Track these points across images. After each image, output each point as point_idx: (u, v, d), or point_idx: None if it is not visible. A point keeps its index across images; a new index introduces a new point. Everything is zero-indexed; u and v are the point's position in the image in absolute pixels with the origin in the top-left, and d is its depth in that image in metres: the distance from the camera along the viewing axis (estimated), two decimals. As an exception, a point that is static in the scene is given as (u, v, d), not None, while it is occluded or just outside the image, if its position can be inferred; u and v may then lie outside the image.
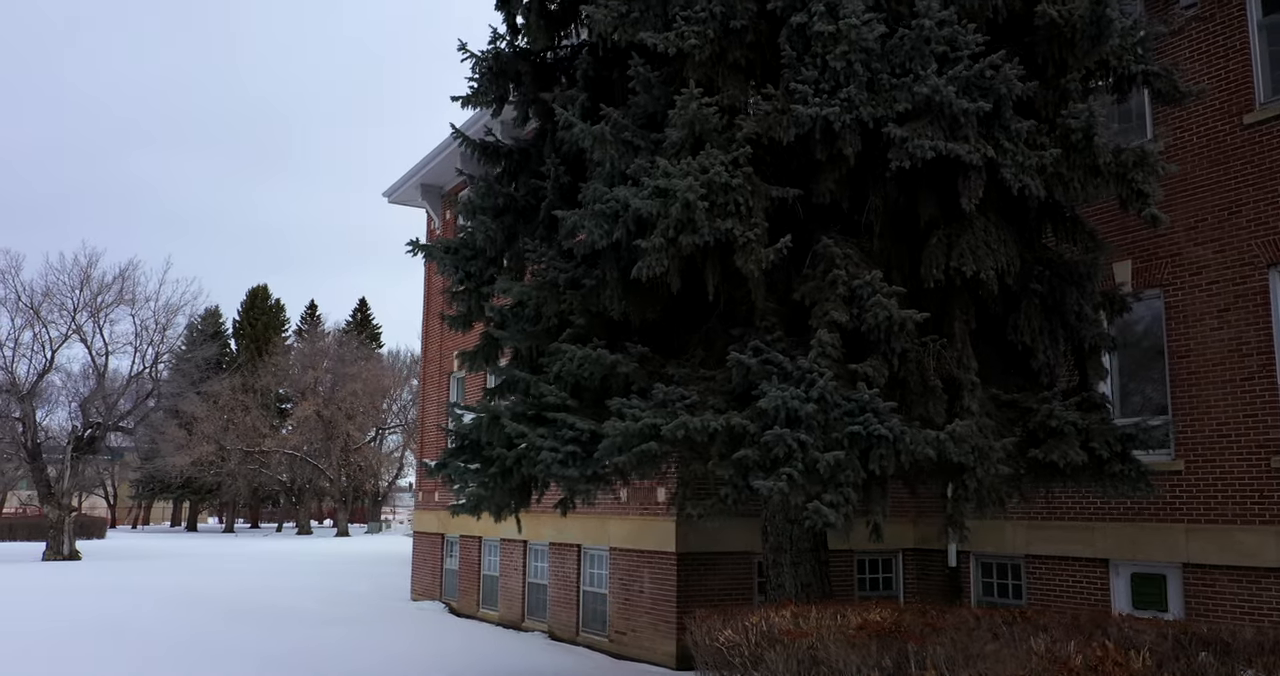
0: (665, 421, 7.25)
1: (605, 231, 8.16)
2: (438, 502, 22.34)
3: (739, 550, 14.67)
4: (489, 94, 10.42)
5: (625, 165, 8.32)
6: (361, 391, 59.06)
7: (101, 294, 36.60)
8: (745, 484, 7.12)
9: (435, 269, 23.94)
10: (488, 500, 8.56)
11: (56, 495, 35.00)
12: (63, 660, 13.51)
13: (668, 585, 14.23)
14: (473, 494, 8.56)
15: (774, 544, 9.86)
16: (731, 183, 7.47)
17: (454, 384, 22.55)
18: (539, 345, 9.09)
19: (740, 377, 7.59)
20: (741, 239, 7.51)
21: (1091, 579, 13.49)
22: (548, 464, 7.75)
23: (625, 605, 15.17)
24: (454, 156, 21.72)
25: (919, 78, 7.54)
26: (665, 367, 8.29)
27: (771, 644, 5.59)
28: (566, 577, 16.85)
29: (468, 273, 10.33)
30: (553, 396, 7.99)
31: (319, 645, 14.95)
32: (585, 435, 7.79)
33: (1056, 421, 8.24)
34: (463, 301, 10.53)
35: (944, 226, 8.08)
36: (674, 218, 7.43)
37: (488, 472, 8.41)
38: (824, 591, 9.92)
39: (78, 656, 13.73)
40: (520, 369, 9.28)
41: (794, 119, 7.67)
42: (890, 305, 7.41)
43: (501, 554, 19.19)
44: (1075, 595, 13.65)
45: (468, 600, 20.27)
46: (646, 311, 8.65)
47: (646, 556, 14.80)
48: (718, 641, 6.17)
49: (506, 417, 8.19)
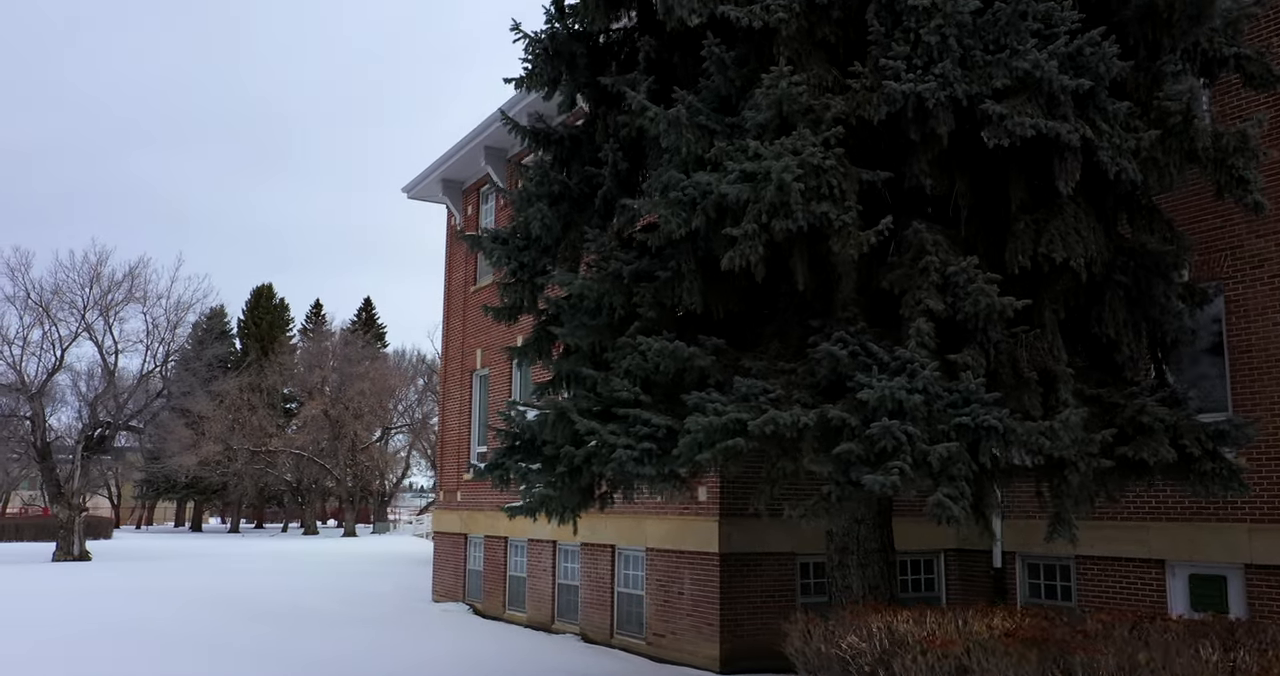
0: (751, 416, 6.88)
1: (683, 220, 7.80)
2: (460, 503, 21.98)
3: (783, 551, 14.32)
4: (542, 76, 10.05)
5: (701, 150, 7.96)
6: (369, 391, 58.69)
7: (111, 291, 36.24)
8: (848, 480, 6.75)
9: (456, 265, 23.62)
10: (555, 501, 8.19)
11: (67, 495, 34.62)
12: (101, 661, 13.17)
13: (710, 587, 13.86)
14: (540, 495, 8.17)
15: (839, 544, 9.50)
16: (825, 164, 7.11)
17: (477, 382, 22.19)
18: (600, 340, 8.71)
19: (829, 370, 7.23)
20: (837, 223, 7.15)
21: (1146, 580, 13.14)
22: (622, 462, 7.39)
23: (664, 607, 14.80)
24: (477, 151, 21.38)
25: (1016, 52, 7.18)
26: (741, 361, 7.93)
27: (901, 650, 5.23)
28: (600, 579, 16.48)
29: (521, 263, 9.96)
30: (625, 391, 7.62)
31: (352, 648, 14.59)
32: (661, 431, 7.42)
33: (1147, 417, 7.88)
34: (514, 293, 10.16)
35: (1032, 211, 7.72)
36: (766, 202, 7.07)
37: (554, 472, 8.04)
38: (891, 593, 9.56)
39: (116, 659, 13.40)
40: (580, 363, 8.91)
41: (885, 97, 7.31)
42: (991, 292, 7.06)
43: (529, 554, 18.82)
44: (1129, 596, 13.29)
45: (493, 601, 19.90)
46: (727, 303, 8.29)
47: (687, 557, 14.44)
48: (838, 648, 5.80)
49: (574, 413, 7.81)
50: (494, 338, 21.15)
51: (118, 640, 14.90)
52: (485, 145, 21.14)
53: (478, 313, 22.19)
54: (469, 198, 23.31)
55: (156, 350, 37.12)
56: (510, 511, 9.33)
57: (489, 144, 21.11)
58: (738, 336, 8.36)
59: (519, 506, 9.18)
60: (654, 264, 8.54)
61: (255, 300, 76.16)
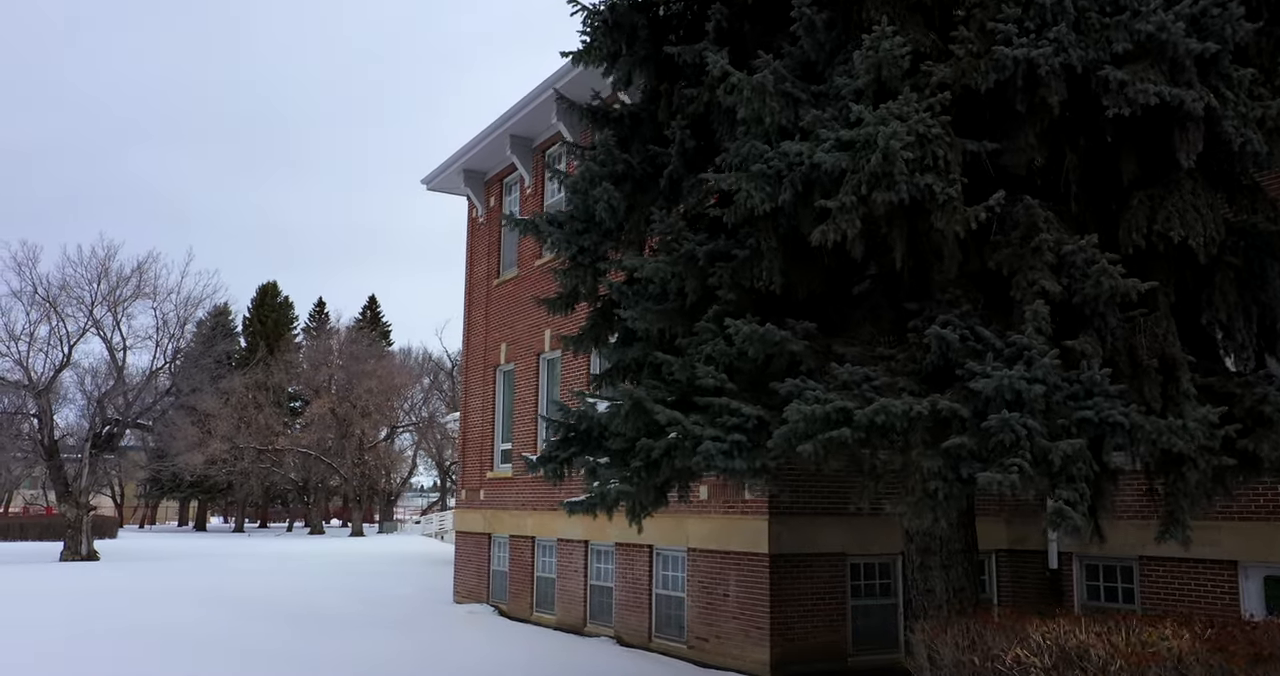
0: (856, 405, 6.33)
1: (768, 194, 7.25)
2: (483, 502, 21.43)
3: (833, 551, 13.78)
4: (602, 50, 9.49)
5: (787, 119, 7.40)
6: (376, 389, 58.14)
7: (120, 287, 35.67)
8: (956, 477, 6.20)
9: (478, 258, 23.05)
10: (633, 497, 7.62)
11: (74, 494, 34.06)
12: (132, 663, 12.67)
13: (759, 589, 13.31)
14: (618, 491, 7.60)
15: (920, 544, 8.94)
16: (931, 132, 6.56)
17: (500, 377, 21.63)
18: (671, 325, 8.16)
19: (938, 356, 6.68)
20: (941, 197, 6.60)
21: (1218, 582, 12.58)
22: (709, 455, 6.83)
23: (707, 610, 14.25)
24: (502, 141, 20.82)
25: (1138, 14, 6.64)
26: (831, 346, 7.37)
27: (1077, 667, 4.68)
28: (636, 580, 15.92)
29: (581, 248, 9.41)
30: (710, 379, 7.06)
31: (384, 652, 14.05)
32: (751, 422, 6.87)
33: (1269, 407, 7.32)
34: (573, 279, 9.61)
35: (1146, 187, 7.17)
36: (867, 172, 6.53)
37: (630, 466, 7.48)
38: (977, 597, 9.02)
39: (146, 662, 12.89)
40: (648, 350, 8.36)
41: (994, 63, 6.76)
42: (1114, 273, 6.50)
43: (559, 555, 18.27)
44: (1197, 599, 12.74)
45: (520, 603, 19.34)
46: (810, 284, 7.73)
47: (733, 558, 13.89)
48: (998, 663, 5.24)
49: (650, 403, 7.25)
50: (519, 332, 20.59)
51: (145, 643, 14.36)
52: (511, 134, 20.59)
53: (502, 306, 21.64)
54: (491, 189, 22.76)
55: (166, 346, 36.57)
56: (571, 508, 8.76)
57: (515, 132, 20.56)
58: (822, 320, 7.80)
59: (580, 502, 8.61)
60: (730, 243, 7.98)
61: (260, 297, 75.62)
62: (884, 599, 14.24)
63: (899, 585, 14.39)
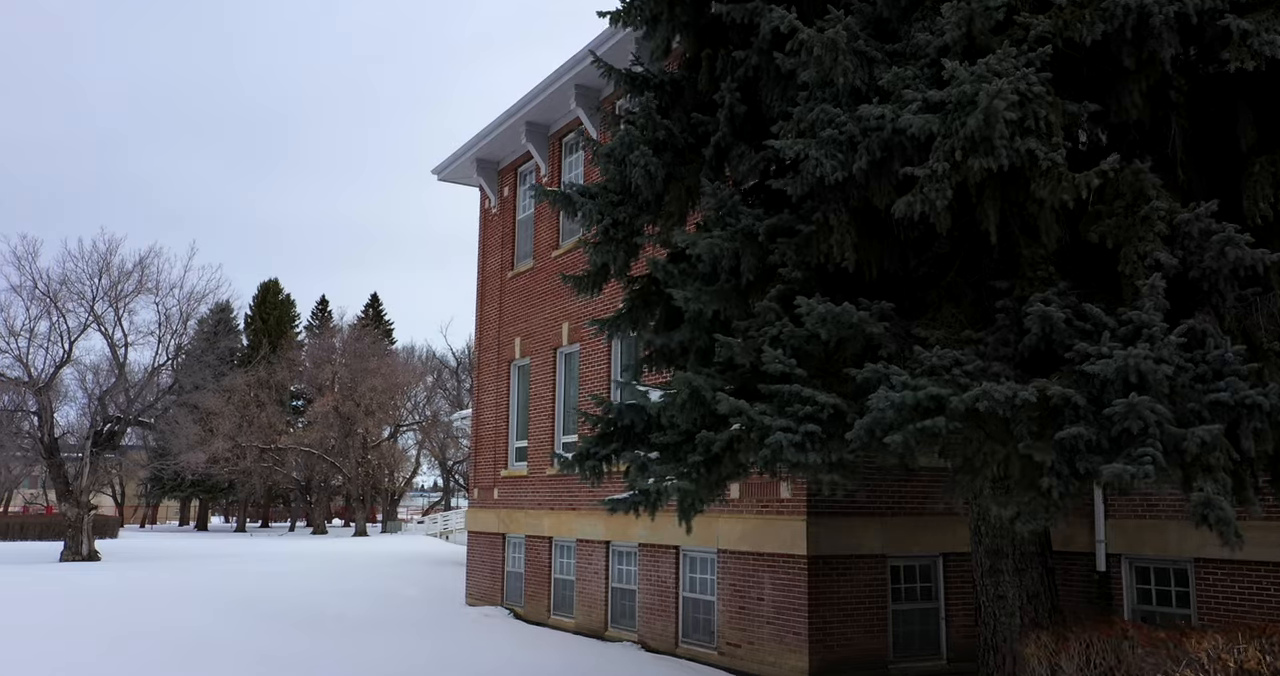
0: (949, 391, 5.65)
1: (840, 162, 6.57)
2: (497, 501, 20.75)
3: (873, 553, 13.10)
4: (643, 11, 8.81)
5: (861, 80, 6.72)
6: (380, 387, 57.46)
7: (121, 282, 34.93)
8: (1072, 472, 5.52)
9: (491, 249, 22.36)
10: (694, 494, 6.93)
11: (75, 493, 33.37)
12: (149, 669, 12.02)
13: (796, 592, 12.63)
14: (677, 488, 6.91)
15: (990, 546, 8.27)
16: (1033, 90, 5.88)
17: (515, 373, 20.94)
18: (727, 307, 7.48)
19: (1039, 337, 5.99)
20: (1044, 162, 5.92)
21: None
22: (778, 448, 6.15)
23: (740, 614, 13.56)
24: (518, 128, 20.13)
25: (1263, -43, 5.98)
26: (910, 328, 6.69)
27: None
28: (662, 583, 15.24)
29: (615, 221, 8.73)
30: (777, 364, 6.38)
31: (405, 658, 13.37)
32: (826, 411, 6.18)
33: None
34: (605, 254, 8.91)
35: (1268, 151, 6.49)
36: (963, 135, 5.85)
37: (688, 461, 6.79)
38: (1053, 603, 8.34)
39: (163, 668, 12.23)
40: (699, 334, 7.67)
41: (1101, 13, 6.09)
42: (1240, 243, 5.83)
43: (578, 556, 17.58)
44: (1259, 604, 12.05)
45: (536, 605, 18.66)
46: (882, 261, 7.05)
47: (767, 560, 13.20)
48: None
49: (709, 391, 6.57)
50: (535, 325, 19.91)
51: (151, 649, 13.67)
52: (526, 121, 19.91)
53: (516, 299, 20.96)
54: (505, 178, 22.07)
55: (168, 342, 35.85)
56: (614, 506, 8.08)
57: (530, 119, 19.88)
58: (896, 301, 7.11)
59: (623, 500, 7.92)
60: (793, 217, 7.30)
61: (262, 295, 74.92)
62: (925, 602, 13.57)
63: (940, 588, 13.72)
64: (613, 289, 16.91)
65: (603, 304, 17.37)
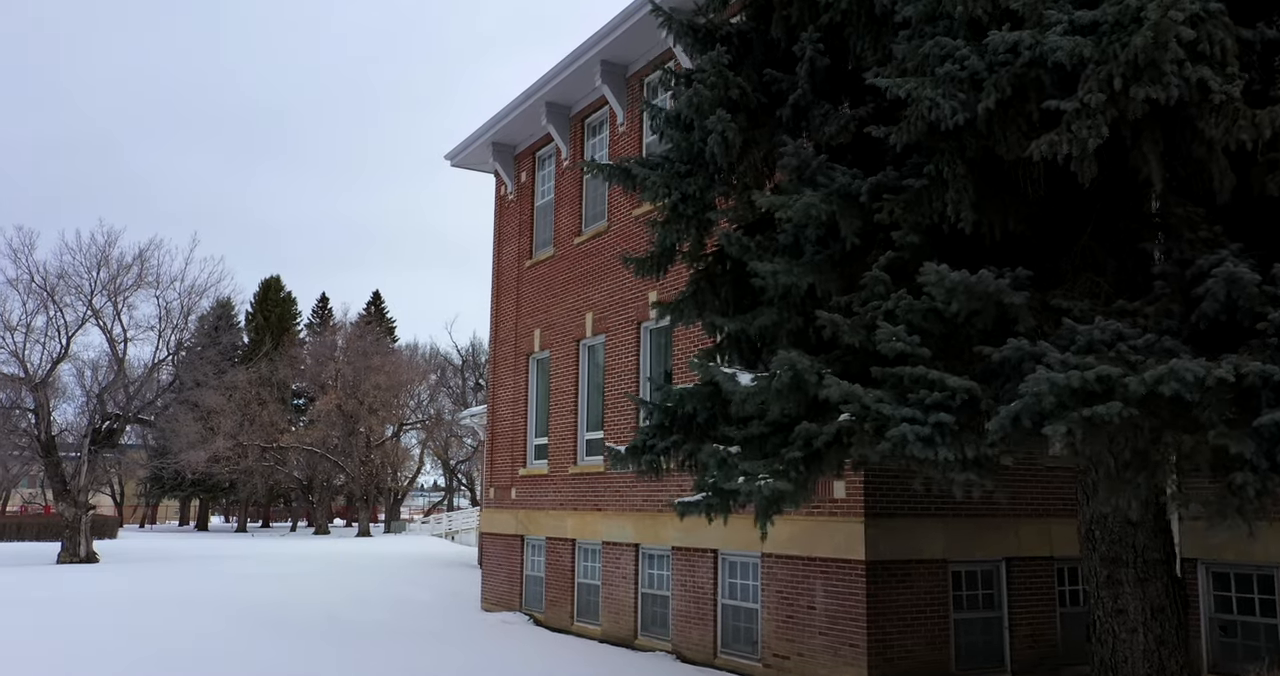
0: (1123, 371, 4.68)
1: (960, 103, 5.60)
2: (515, 501, 19.77)
3: (933, 558, 12.12)
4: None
5: (984, 9, 5.74)
6: (384, 384, 56.48)
7: (121, 275, 33.91)
8: (1272, 465, 4.56)
9: (508, 238, 21.36)
10: (791, 495, 5.95)
11: (72, 492, 32.37)
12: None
13: (853, 600, 11.65)
14: (773, 489, 5.93)
15: (1107, 554, 7.28)
16: (1209, 7, 4.91)
17: (534, 366, 19.95)
18: (824, 281, 6.50)
19: (1219, 305, 5.03)
20: (1218, 95, 4.95)
21: (1387, 595, 10.94)
22: (901, 442, 5.19)
23: (787, 623, 12.58)
24: (537, 109, 19.15)
25: None
26: (1049, 299, 5.72)
27: None
28: (698, 588, 14.25)
29: (684, 194, 7.74)
30: (897, 343, 5.40)
31: (423, 671, 12.37)
32: (959, 397, 5.20)
33: None
34: (672, 232, 7.92)
35: None
36: (1125, 59, 4.89)
37: (784, 457, 5.80)
38: (1180, 619, 7.35)
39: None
40: (787, 314, 6.68)
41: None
42: None
43: (604, 560, 16.60)
44: (1357, 614, 11.10)
45: (558, 612, 17.68)
46: (1006, 221, 6.07)
47: (819, 565, 12.22)
48: None
49: (812, 374, 5.59)
50: (556, 316, 18.92)
51: (150, 663, 12.68)
52: (547, 101, 18.91)
53: (535, 289, 19.97)
54: (522, 163, 21.07)
55: (169, 337, 34.83)
56: (685, 509, 7.08)
57: (551, 99, 18.89)
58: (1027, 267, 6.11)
59: (695, 502, 6.94)
60: (897, 174, 6.31)
61: (264, 292, 73.91)
62: (988, 611, 12.59)
63: (1003, 595, 12.74)
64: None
65: (629, 291, 16.40)
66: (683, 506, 7.12)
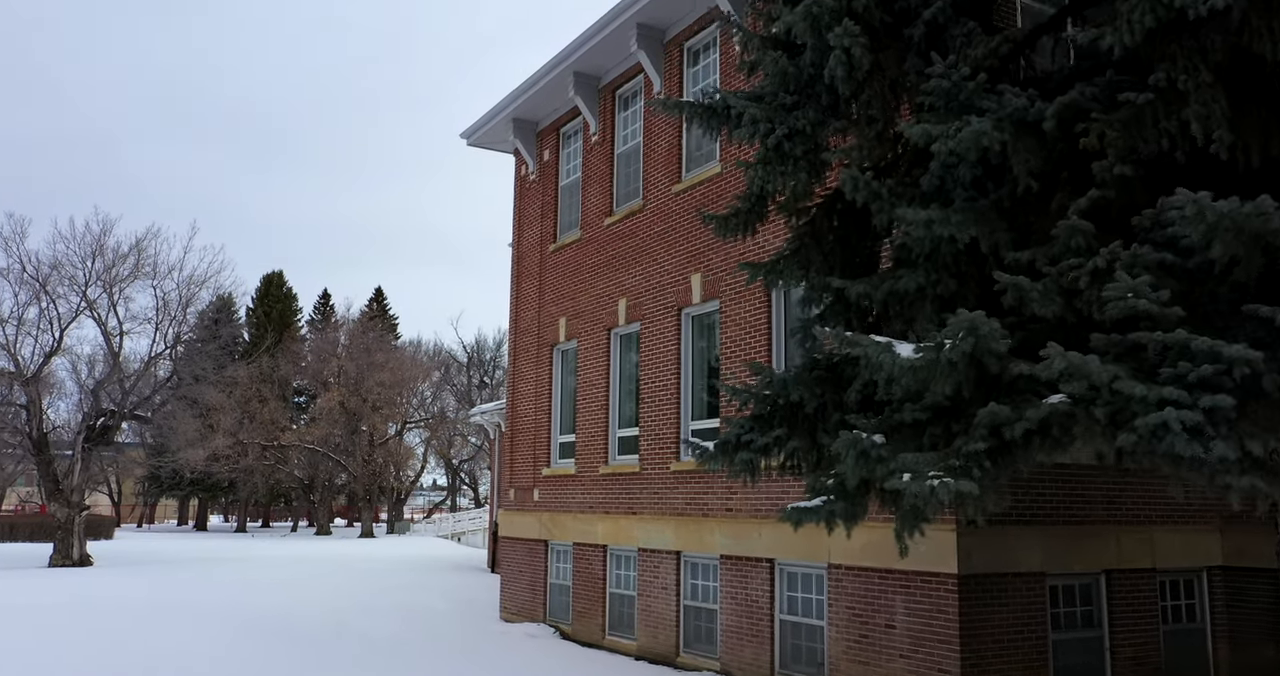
0: None
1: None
2: (538, 503, 18.33)
3: (1030, 571, 10.69)
4: None
5: None
6: (389, 381, 55.02)
7: (116, 265, 32.47)
8: None
9: (529, 221, 19.90)
10: (975, 501, 4.53)
11: (65, 491, 30.91)
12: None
13: (943, 619, 10.21)
14: (956, 490, 4.50)
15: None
16: None
17: (558, 357, 18.51)
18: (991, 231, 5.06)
19: None
20: None
21: None
22: (1158, 433, 3.76)
23: (860, 644, 11.14)
24: (564, 80, 17.71)
25: None
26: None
27: None
28: (752, 602, 12.82)
29: (792, 130, 6.29)
30: (1140, 301, 3.97)
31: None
32: (1238, 371, 3.77)
33: None
34: (774, 176, 6.48)
35: None
36: None
37: (963, 450, 4.38)
38: None
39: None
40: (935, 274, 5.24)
41: None
42: None
43: (640, 568, 15.16)
44: None
45: (588, 624, 16.24)
46: (1271, 141, 4.63)
47: (899, 578, 10.78)
48: None
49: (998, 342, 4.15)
50: (583, 304, 17.48)
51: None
52: (575, 71, 17.48)
53: (560, 275, 18.54)
54: (545, 140, 19.62)
55: (166, 330, 33.35)
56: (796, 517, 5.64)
57: (580, 69, 17.45)
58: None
59: (814, 508, 5.49)
60: (1093, 90, 4.86)
61: (265, 287, 72.45)
62: (1086, 631, 11.16)
63: (1103, 613, 11.31)
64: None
65: (668, 275, 14.92)
66: (796, 513, 5.69)
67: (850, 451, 5.07)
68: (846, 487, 5.30)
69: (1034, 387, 4.33)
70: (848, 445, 5.09)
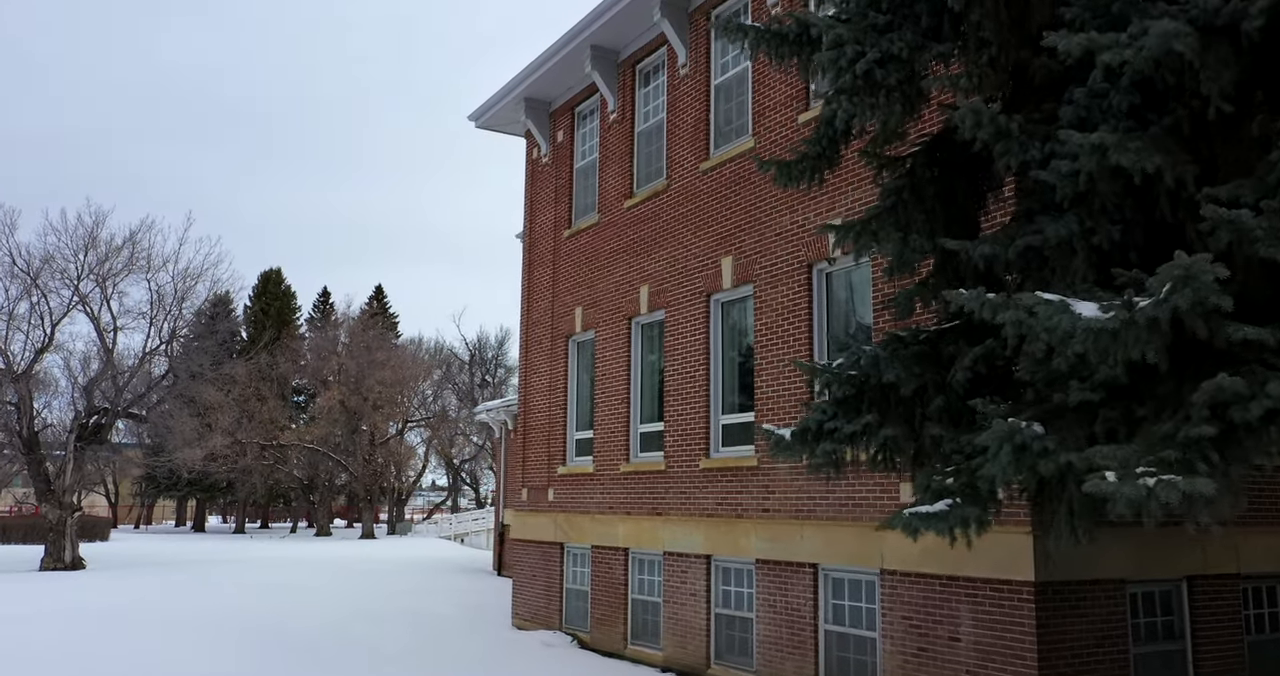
0: None
1: None
2: (553, 503, 17.31)
3: (1110, 577, 9.66)
4: None
5: None
6: (390, 380, 53.97)
7: (110, 258, 31.41)
8: None
9: (542, 205, 18.85)
10: (1211, 503, 3.50)
11: (57, 492, 29.85)
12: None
13: (1017, 631, 9.18)
14: (1178, 489, 3.46)
15: None
16: None
17: (574, 350, 17.49)
18: (1176, 166, 4.03)
19: None
20: None
21: None
22: None
23: (920, 658, 10.11)
24: (579, 54, 16.68)
25: None
26: None
27: None
28: (792, 611, 11.80)
29: (886, 54, 5.25)
30: None
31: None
32: None
33: None
34: (862, 107, 5.44)
35: None
36: None
37: (1183, 436, 3.35)
38: None
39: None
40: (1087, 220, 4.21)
41: None
42: None
43: (666, 573, 14.13)
44: None
45: (608, 632, 15.21)
46: None
47: (965, 586, 9.74)
48: None
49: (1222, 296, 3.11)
50: (601, 292, 16.44)
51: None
52: (592, 44, 16.45)
53: (575, 262, 17.50)
54: (559, 120, 18.59)
55: (161, 325, 32.28)
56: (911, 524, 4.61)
57: (598, 42, 16.43)
58: None
59: (935, 513, 4.49)
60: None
61: (263, 285, 71.39)
62: (1168, 643, 10.13)
63: (1185, 623, 10.28)
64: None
65: (696, 259, 13.86)
66: (916, 520, 4.67)
67: (1004, 445, 4.02)
68: (979, 489, 4.27)
69: (1259, 357, 3.32)
70: (1001, 436, 4.05)
